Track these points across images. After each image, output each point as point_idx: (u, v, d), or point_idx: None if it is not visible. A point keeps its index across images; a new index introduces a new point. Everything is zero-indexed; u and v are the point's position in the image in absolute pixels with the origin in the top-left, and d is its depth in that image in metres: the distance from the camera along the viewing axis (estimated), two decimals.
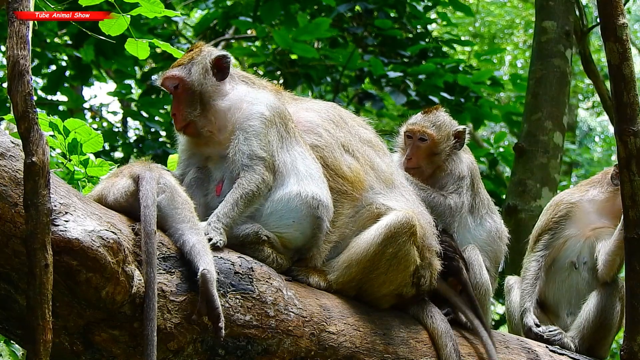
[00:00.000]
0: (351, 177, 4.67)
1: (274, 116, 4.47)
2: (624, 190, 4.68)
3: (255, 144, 4.37)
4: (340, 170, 4.66)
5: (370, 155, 4.83)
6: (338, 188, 4.62)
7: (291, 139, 4.50)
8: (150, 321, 3.56)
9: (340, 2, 12.48)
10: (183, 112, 4.51)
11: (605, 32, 4.64)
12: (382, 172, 4.82)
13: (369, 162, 4.79)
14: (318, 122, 4.76)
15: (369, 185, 4.70)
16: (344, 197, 4.64)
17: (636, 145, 4.61)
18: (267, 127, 4.42)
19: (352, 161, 4.72)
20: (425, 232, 4.72)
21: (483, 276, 5.18)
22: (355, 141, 4.80)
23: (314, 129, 4.73)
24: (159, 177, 3.92)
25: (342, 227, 4.61)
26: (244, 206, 4.26)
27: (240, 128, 4.43)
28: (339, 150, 4.71)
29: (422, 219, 4.74)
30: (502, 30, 24.06)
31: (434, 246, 4.82)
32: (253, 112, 4.47)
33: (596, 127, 25.33)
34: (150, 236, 3.67)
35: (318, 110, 4.85)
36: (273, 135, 4.43)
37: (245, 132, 4.41)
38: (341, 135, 4.77)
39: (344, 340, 4.32)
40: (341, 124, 4.83)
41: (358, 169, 4.70)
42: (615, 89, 4.64)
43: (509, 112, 13.52)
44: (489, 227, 5.57)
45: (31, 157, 3.27)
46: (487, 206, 5.64)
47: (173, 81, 4.54)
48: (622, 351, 4.81)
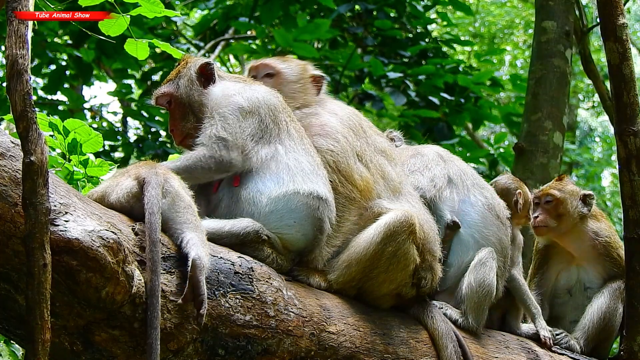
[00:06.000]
0: (361, 186, 4.72)
1: (256, 107, 4.50)
2: (624, 190, 4.69)
3: (219, 127, 4.41)
4: (351, 177, 4.71)
5: (382, 165, 4.89)
6: (347, 194, 4.67)
7: (280, 131, 4.51)
8: (154, 329, 3.55)
9: (340, 3, 12.49)
10: (179, 126, 4.62)
11: (605, 32, 4.65)
12: (392, 181, 4.87)
13: (380, 171, 4.85)
14: (338, 129, 4.82)
15: (376, 194, 4.76)
16: (352, 203, 4.68)
17: (636, 145, 4.61)
18: (242, 116, 4.45)
19: (363, 170, 4.77)
20: (427, 237, 4.75)
21: (490, 277, 5.17)
22: (370, 151, 4.87)
23: (333, 134, 4.79)
24: (164, 182, 3.92)
25: (346, 232, 4.64)
26: (179, 168, 4.27)
27: (210, 115, 4.49)
28: (353, 158, 4.77)
29: (425, 226, 4.77)
30: (502, 30, 24.07)
31: (436, 252, 4.85)
32: (229, 101, 4.52)
33: (597, 127, 25.34)
34: (156, 244, 3.66)
35: (341, 117, 4.91)
36: (250, 125, 4.45)
37: (212, 118, 4.46)
38: (357, 144, 4.83)
39: (344, 340, 4.32)
40: (360, 132, 4.90)
41: (368, 178, 4.75)
42: (615, 89, 4.65)
43: (509, 112, 13.53)
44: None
45: (30, 157, 3.27)
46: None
47: (165, 98, 4.67)
48: (622, 351, 4.82)
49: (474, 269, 5.19)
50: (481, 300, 5.12)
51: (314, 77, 5.13)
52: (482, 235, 5.35)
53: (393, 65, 12.46)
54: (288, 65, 5.14)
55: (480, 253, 5.24)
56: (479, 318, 5.11)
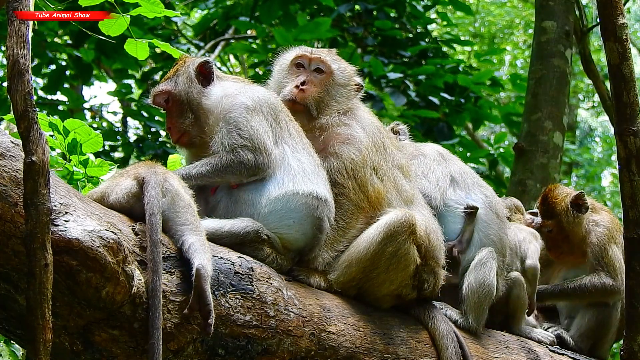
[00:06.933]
0: (372, 197, 4.75)
1: (259, 106, 4.51)
2: (624, 190, 4.68)
3: (235, 135, 4.41)
4: (364, 187, 4.74)
5: (397, 179, 4.92)
6: (357, 202, 4.71)
7: (282, 131, 4.53)
8: (156, 330, 3.55)
9: (340, 2, 12.49)
10: (176, 124, 4.62)
11: (605, 32, 4.64)
12: (404, 192, 4.91)
13: (394, 184, 4.89)
14: (362, 141, 4.84)
15: (387, 204, 4.78)
16: (360, 212, 4.71)
17: (636, 145, 4.61)
18: (250, 115, 4.45)
19: (377, 182, 4.80)
20: (432, 245, 4.77)
21: (490, 277, 5.18)
22: (387, 166, 4.90)
23: (356, 144, 4.81)
24: (163, 181, 3.92)
25: (351, 239, 4.66)
26: (209, 172, 4.34)
27: (223, 120, 4.48)
28: (370, 170, 4.80)
29: (432, 234, 4.80)
30: (502, 30, 24.07)
31: (440, 259, 4.88)
32: (235, 103, 4.52)
33: (597, 127, 25.34)
34: (157, 244, 3.66)
35: (368, 132, 4.92)
36: (258, 122, 4.45)
37: (227, 124, 4.45)
38: (376, 159, 4.86)
39: (344, 340, 4.32)
40: (381, 150, 4.93)
41: (380, 189, 4.78)
42: (615, 89, 4.64)
43: (509, 112, 13.52)
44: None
45: (31, 157, 3.27)
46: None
47: (162, 96, 4.67)
48: (622, 351, 4.81)
49: (474, 269, 5.19)
50: (481, 300, 5.12)
51: (357, 85, 5.12)
52: (484, 233, 5.37)
53: (393, 65, 12.46)
54: (340, 67, 5.09)
55: (480, 253, 5.25)
56: (479, 318, 5.11)
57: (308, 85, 4.91)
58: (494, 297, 5.22)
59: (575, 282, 5.89)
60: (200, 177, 4.34)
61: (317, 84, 4.93)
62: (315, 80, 4.95)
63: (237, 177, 4.36)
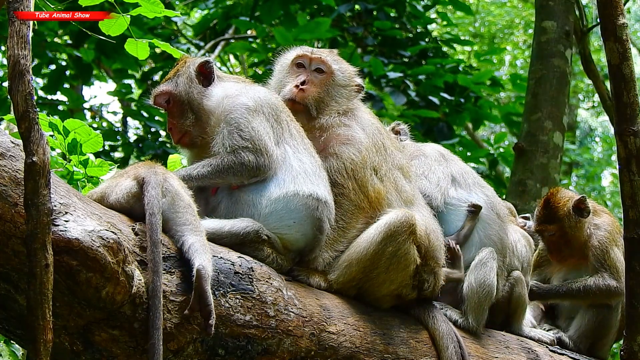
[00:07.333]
0: (372, 197, 4.75)
1: (260, 106, 4.51)
2: (624, 190, 4.68)
3: (237, 136, 4.41)
4: (365, 187, 4.74)
5: (397, 179, 4.92)
6: (358, 203, 4.71)
7: (283, 131, 4.53)
8: (156, 330, 3.55)
9: (340, 2, 12.49)
10: (178, 124, 4.62)
11: (605, 32, 4.64)
12: (404, 193, 4.91)
13: (394, 184, 4.89)
14: (362, 141, 4.84)
15: (387, 204, 4.78)
16: (360, 212, 4.72)
17: (636, 145, 4.60)
18: (251, 116, 4.45)
19: (377, 182, 4.81)
20: (432, 245, 4.77)
21: (490, 277, 5.18)
22: (386, 167, 4.90)
23: (356, 145, 4.82)
24: (163, 181, 3.92)
25: (351, 239, 4.67)
26: (210, 173, 4.35)
27: (224, 121, 4.48)
28: (370, 170, 4.80)
29: (432, 234, 4.80)
30: (502, 30, 24.07)
31: (440, 259, 4.88)
32: (236, 104, 4.52)
33: (597, 127, 25.34)
34: (157, 245, 3.66)
35: (368, 133, 4.92)
36: (259, 123, 4.45)
37: (229, 125, 4.45)
38: (376, 160, 4.86)
39: (344, 340, 4.32)
40: (381, 150, 4.93)
41: (380, 190, 4.78)
42: (615, 89, 4.64)
43: (509, 112, 13.52)
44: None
45: (32, 157, 3.27)
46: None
47: (163, 97, 4.67)
48: (622, 351, 4.81)
49: (475, 269, 5.20)
50: (481, 300, 5.13)
51: (358, 86, 5.12)
52: (485, 233, 5.37)
53: (393, 65, 12.46)
54: (340, 67, 5.09)
55: (480, 253, 5.25)
56: (479, 318, 5.11)
57: (308, 85, 4.92)
58: (494, 297, 5.22)
59: (580, 283, 5.89)
60: (201, 178, 4.34)
61: (317, 84, 4.93)
62: (315, 80, 4.95)
63: (238, 178, 4.37)
